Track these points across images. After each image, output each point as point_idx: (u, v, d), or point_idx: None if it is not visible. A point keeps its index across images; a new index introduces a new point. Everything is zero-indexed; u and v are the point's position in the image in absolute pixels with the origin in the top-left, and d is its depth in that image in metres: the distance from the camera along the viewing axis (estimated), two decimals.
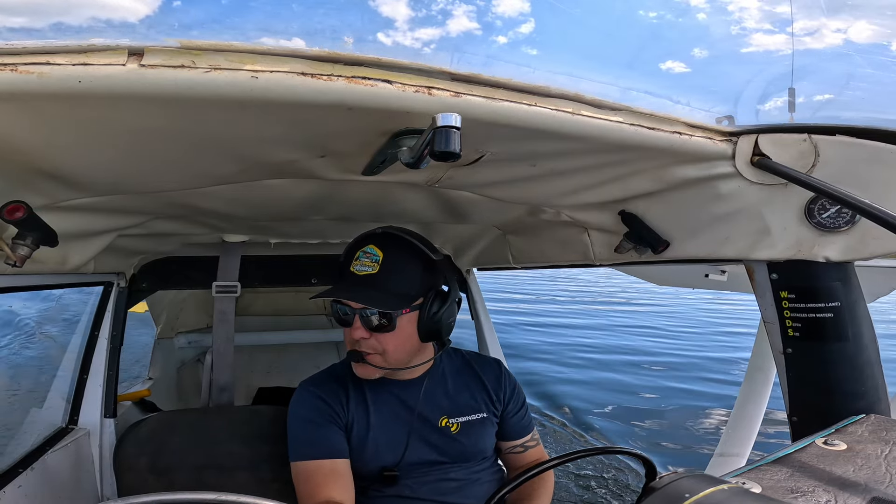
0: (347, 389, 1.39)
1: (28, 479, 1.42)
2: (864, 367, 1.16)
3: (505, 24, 0.82)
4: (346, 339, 1.33)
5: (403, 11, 0.75)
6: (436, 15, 0.77)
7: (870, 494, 0.75)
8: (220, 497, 0.73)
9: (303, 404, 1.38)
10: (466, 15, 0.79)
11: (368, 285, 1.26)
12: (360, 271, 1.27)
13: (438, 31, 0.78)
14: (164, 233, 1.65)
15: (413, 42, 0.75)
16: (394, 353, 1.30)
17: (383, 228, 1.34)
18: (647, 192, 1.28)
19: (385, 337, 1.28)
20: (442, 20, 0.78)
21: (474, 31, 0.80)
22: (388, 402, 1.39)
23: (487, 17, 0.82)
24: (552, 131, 0.90)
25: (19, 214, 0.96)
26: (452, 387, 1.45)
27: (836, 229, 1.12)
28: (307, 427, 1.34)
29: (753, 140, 1.07)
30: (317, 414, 1.35)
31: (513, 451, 1.52)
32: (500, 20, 0.82)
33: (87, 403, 1.77)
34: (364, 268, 1.27)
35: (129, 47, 0.65)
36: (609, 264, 1.73)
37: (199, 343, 3.15)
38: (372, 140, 0.93)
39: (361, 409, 1.37)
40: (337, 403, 1.36)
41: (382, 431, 1.36)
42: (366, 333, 1.27)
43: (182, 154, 0.95)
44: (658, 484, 0.75)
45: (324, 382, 1.41)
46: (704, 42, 1.01)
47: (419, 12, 0.76)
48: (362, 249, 1.29)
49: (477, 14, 0.80)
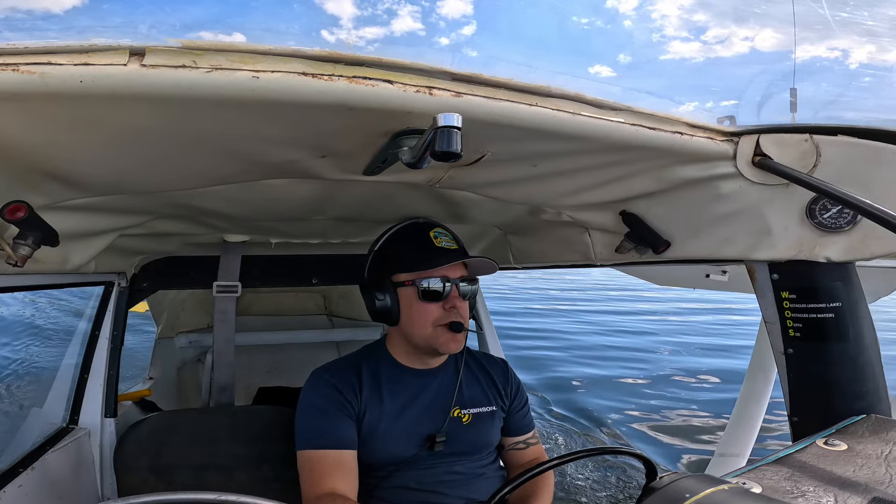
0: (361, 378, 1.40)
1: (28, 478, 1.41)
2: (864, 368, 1.16)
3: (448, 26, 0.83)
4: (431, 318, 1.35)
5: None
6: (381, 14, 0.78)
7: (870, 494, 0.75)
8: (220, 497, 0.73)
9: (315, 392, 1.39)
10: (411, 15, 0.80)
11: (461, 255, 1.38)
12: (448, 246, 1.38)
13: (382, 30, 0.78)
14: (165, 233, 1.65)
15: (357, 41, 0.75)
16: (467, 322, 1.40)
17: (425, 219, 1.46)
18: (648, 192, 1.28)
19: (465, 305, 1.40)
20: (387, 20, 0.78)
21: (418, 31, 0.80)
22: (402, 392, 1.41)
23: (431, 17, 0.82)
24: (553, 131, 0.90)
25: (21, 214, 0.96)
26: (465, 379, 1.48)
27: (837, 229, 1.12)
28: (317, 415, 1.35)
29: (755, 140, 1.07)
30: (328, 403, 1.35)
31: (515, 447, 1.54)
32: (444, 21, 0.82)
33: (88, 403, 1.77)
34: (450, 244, 1.39)
35: (131, 47, 0.65)
36: (610, 264, 1.73)
37: (200, 343, 3.15)
38: (373, 140, 0.93)
39: (375, 398, 1.38)
40: (350, 392, 1.37)
41: (394, 421, 1.37)
42: (461, 302, 1.37)
43: (183, 154, 0.95)
44: (658, 484, 0.75)
45: (339, 370, 1.43)
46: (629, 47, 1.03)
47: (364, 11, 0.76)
48: (436, 230, 1.40)
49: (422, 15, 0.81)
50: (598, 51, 0.99)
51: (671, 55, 1.03)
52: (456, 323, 1.34)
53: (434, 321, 1.34)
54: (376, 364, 1.43)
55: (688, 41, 1.04)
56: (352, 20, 0.75)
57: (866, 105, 1.05)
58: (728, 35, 1.02)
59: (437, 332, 1.35)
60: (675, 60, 1.04)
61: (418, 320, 1.35)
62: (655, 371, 7.81)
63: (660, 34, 1.04)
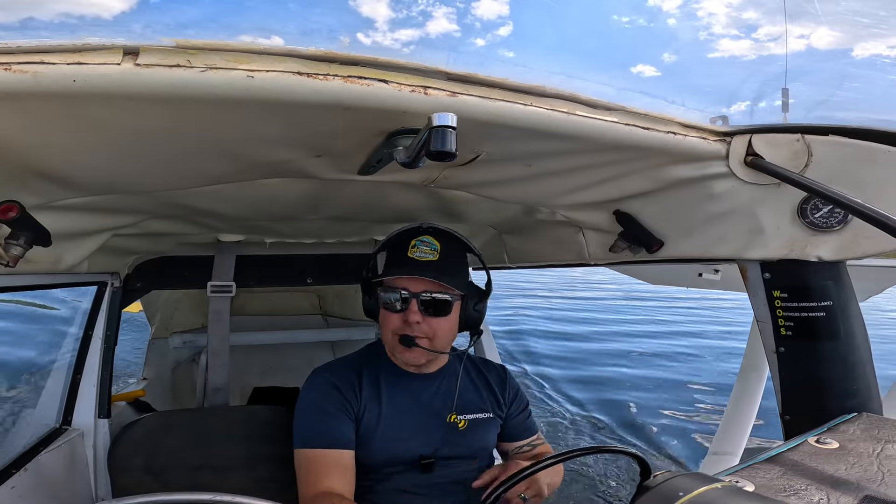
0: (361, 379, 1.40)
1: (22, 480, 1.40)
2: (855, 366, 1.17)
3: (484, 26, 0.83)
4: (391, 326, 1.35)
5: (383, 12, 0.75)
6: (416, 16, 0.78)
7: (862, 492, 0.76)
8: (215, 497, 0.73)
9: (316, 391, 1.39)
10: (446, 17, 0.80)
11: (432, 269, 1.31)
12: (421, 257, 1.33)
13: (417, 32, 0.78)
14: (158, 232, 1.64)
15: (392, 43, 0.75)
16: (441, 339, 1.35)
17: (429, 224, 1.41)
18: (641, 191, 1.28)
19: (438, 321, 1.33)
20: (422, 21, 0.78)
21: (453, 32, 0.80)
22: (402, 395, 1.41)
23: (467, 18, 0.82)
24: (548, 131, 0.90)
25: (12, 214, 0.95)
26: (463, 385, 1.48)
27: (828, 229, 1.13)
28: (316, 415, 1.35)
29: (747, 140, 1.08)
30: (328, 402, 1.35)
31: (521, 451, 1.55)
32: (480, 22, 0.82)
33: (81, 404, 1.76)
34: (425, 255, 1.34)
35: (125, 46, 0.65)
36: (604, 264, 1.74)
37: (194, 343, 3.14)
38: (368, 140, 0.93)
39: (374, 399, 1.38)
40: (349, 392, 1.37)
41: (392, 422, 1.37)
42: (420, 317, 1.31)
43: (177, 153, 0.95)
44: (652, 483, 0.76)
45: (339, 370, 1.43)
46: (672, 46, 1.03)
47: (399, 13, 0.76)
48: (418, 239, 1.35)
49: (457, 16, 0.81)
50: (641, 50, 0.98)
51: (720, 53, 1.02)
52: (405, 336, 1.33)
53: (393, 330, 1.34)
54: (377, 365, 1.43)
55: (738, 39, 1.03)
56: (387, 23, 0.75)
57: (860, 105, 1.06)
58: (780, 33, 1.01)
59: (394, 341, 1.35)
60: (725, 59, 1.03)
61: (384, 327, 1.37)
62: None
63: (707, 32, 1.03)
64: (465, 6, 0.81)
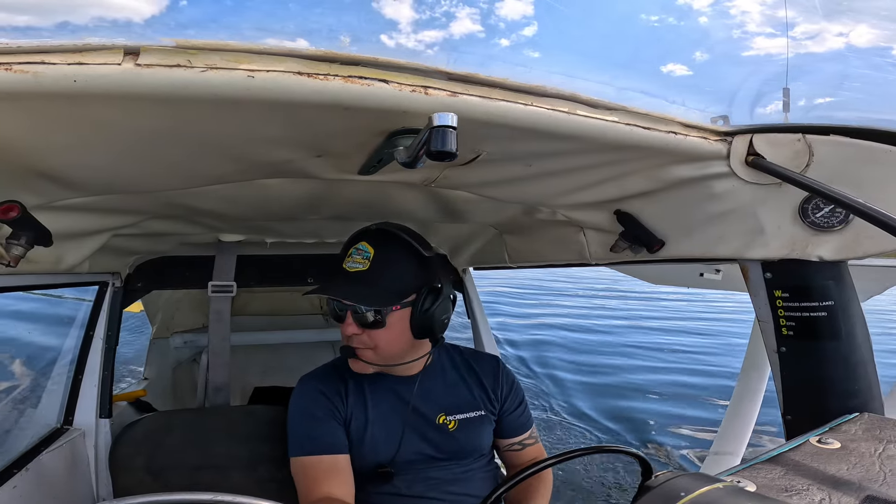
0: (347, 384, 1.39)
1: (23, 479, 1.41)
2: (857, 366, 1.17)
3: (508, 27, 0.82)
4: (342, 334, 1.33)
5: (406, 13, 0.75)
6: (439, 17, 0.77)
7: (863, 493, 0.76)
8: (216, 497, 0.73)
9: (303, 398, 1.38)
10: (470, 17, 0.79)
11: (359, 282, 1.26)
12: (351, 268, 1.28)
13: (441, 33, 0.77)
14: (159, 232, 1.65)
15: (416, 44, 0.75)
16: (385, 349, 1.30)
17: (378, 225, 1.35)
18: (642, 191, 1.28)
19: (376, 333, 1.28)
20: (445, 22, 0.78)
21: (477, 33, 0.80)
22: (386, 398, 1.39)
23: (490, 19, 0.81)
24: (548, 131, 0.90)
25: (13, 214, 0.95)
26: (450, 384, 1.46)
27: (829, 228, 1.13)
28: (307, 422, 1.34)
29: (748, 140, 1.08)
30: (317, 408, 1.35)
31: (511, 449, 1.53)
32: (504, 22, 0.82)
33: (83, 403, 1.76)
34: (355, 265, 1.27)
35: (125, 46, 0.65)
36: (605, 263, 1.74)
37: (195, 343, 3.14)
38: (368, 140, 0.93)
39: (360, 403, 1.38)
40: (336, 397, 1.37)
41: (380, 427, 1.36)
42: (357, 329, 1.28)
43: (178, 154, 0.95)
44: (654, 483, 0.76)
45: (324, 376, 1.42)
46: (704, 44, 1.01)
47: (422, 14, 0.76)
48: (355, 247, 1.30)
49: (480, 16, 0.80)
50: (671, 49, 0.97)
51: (755, 51, 1.01)
52: (345, 347, 1.31)
53: (344, 340, 1.33)
54: None
55: (773, 37, 1.01)
56: (410, 24, 0.75)
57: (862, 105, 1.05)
58: (819, 31, 1.00)
59: None
60: (761, 57, 1.01)
61: None
62: None
63: (741, 30, 1.02)
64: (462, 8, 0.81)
